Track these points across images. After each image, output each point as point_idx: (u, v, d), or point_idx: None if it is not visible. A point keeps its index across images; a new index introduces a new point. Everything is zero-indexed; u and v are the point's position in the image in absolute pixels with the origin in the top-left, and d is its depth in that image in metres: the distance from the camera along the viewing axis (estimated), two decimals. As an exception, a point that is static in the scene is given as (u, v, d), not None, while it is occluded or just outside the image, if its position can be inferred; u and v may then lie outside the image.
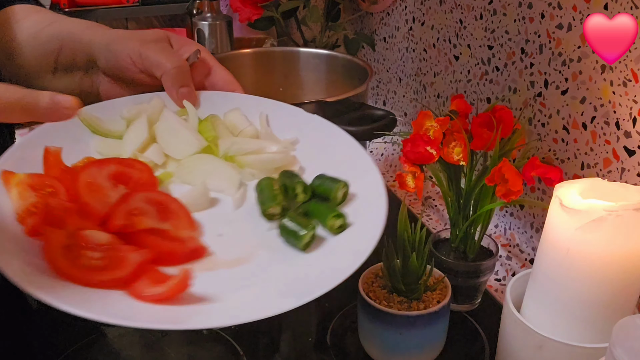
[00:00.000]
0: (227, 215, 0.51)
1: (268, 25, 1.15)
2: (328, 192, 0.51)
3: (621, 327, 0.39)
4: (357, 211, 0.50)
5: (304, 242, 0.47)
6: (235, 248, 0.48)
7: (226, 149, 0.56)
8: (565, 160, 0.74)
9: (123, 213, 0.46)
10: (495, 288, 0.80)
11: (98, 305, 0.40)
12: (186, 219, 0.49)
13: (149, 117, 0.58)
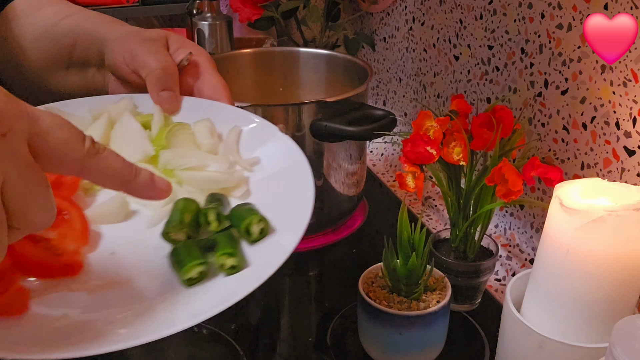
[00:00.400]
0: (135, 233, 0.47)
1: (268, 25, 1.15)
2: (239, 224, 0.45)
3: (621, 327, 0.39)
4: (261, 251, 0.44)
5: (186, 276, 0.42)
6: (118, 271, 0.44)
7: (166, 161, 0.52)
8: (565, 160, 0.74)
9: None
10: (495, 288, 0.80)
11: None
12: (80, 230, 0.45)
13: (112, 118, 0.55)
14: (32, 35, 0.63)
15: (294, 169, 0.51)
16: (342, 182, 0.85)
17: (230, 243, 0.44)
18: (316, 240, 0.87)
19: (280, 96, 0.98)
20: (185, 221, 0.45)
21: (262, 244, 0.45)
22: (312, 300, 0.78)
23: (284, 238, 0.45)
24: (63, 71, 0.63)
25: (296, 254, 0.90)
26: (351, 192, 0.88)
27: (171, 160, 0.52)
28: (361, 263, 0.67)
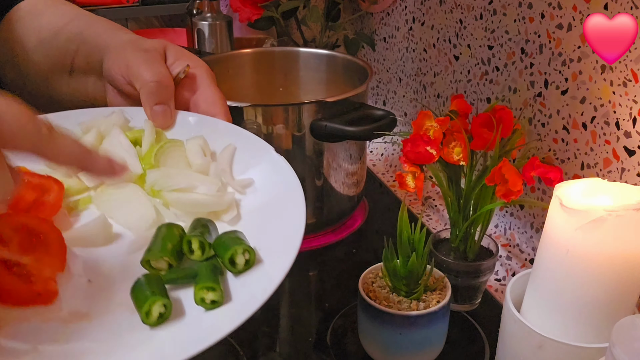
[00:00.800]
0: (116, 259, 0.45)
1: (268, 25, 1.15)
2: (223, 254, 0.42)
3: (621, 327, 0.39)
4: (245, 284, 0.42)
5: (149, 312, 0.39)
6: (94, 301, 0.41)
7: (153, 181, 0.50)
8: (565, 160, 0.74)
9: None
10: (495, 288, 0.80)
11: None
12: (57, 256, 0.43)
13: (101, 133, 0.53)
14: (36, 39, 0.61)
15: (287, 194, 0.48)
16: (342, 182, 0.85)
17: (212, 275, 0.41)
18: (316, 240, 0.87)
19: (280, 96, 0.98)
20: (167, 249, 0.43)
21: (248, 276, 0.43)
22: (312, 300, 0.78)
23: (271, 269, 0.42)
24: (65, 77, 0.62)
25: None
26: (351, 192, 0.88)
27: (158, 181, 0.50)
28: (361, 263, 0.67)
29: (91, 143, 0.52)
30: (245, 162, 0.53)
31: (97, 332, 0.39)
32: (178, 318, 0.40)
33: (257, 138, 0.54)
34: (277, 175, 0.50)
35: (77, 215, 0.49)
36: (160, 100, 0.54)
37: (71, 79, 0.62)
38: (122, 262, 0.45)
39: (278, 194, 0.49)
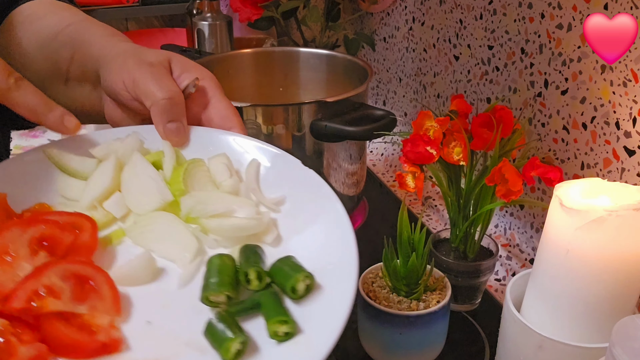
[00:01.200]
0: (167, 295, 0.43)
1: (268, 25, 1.15)
2: (285, 283, 0.42)
3: (621, 327, 0.39)
4: (314, 313, 0.41)
5: (229, 352, 0.38)
6: (160, 343, 0.40)
7: (189, 208, 0.48)
8: (565, 160, 0.74)
9: (27, 293, 0.39)
10: (495, 288, 0.80)
11: None
12: (110, 300, 0.41)
13: (120, 159, 0.51)
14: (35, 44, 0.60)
15: (325, 207, 0.47)
16: (342, 182, 0.85)
17: (280, 307, 0.41)
18: (316, 240, 0.86)
19: (280, 96, 0.98)
20: (225, 282, 0.42)
21: (312, 303, 0.42)
22: None
23: (333, 294, 0.41)
24: (62, 86, 0.60)
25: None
26: (351, 192, 0.88)
27: (194, 208, 0.48)
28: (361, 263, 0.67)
29: (111, 171, 0.50)
30: (272, 177, 0.51)
31: None
32: (253, 354, 0.39)
33: (281, 152, 0.52)
34: (309, 189, 0.49)
35: (113, 251, 0.46)
36: (173, 118, 0.52)
37: (67, 87, 0.60)
38: (176, 298, 0.44)
39: (315, 209, 0.47)
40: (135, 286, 0.44)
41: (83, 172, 0.51)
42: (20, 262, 0.41)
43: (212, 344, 0.39)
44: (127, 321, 0.41)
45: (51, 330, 0.39)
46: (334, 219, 0.46)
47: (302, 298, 0.42)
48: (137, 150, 0.52)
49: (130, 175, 0.50)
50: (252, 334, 0.40)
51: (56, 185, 0.51)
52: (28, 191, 0.49)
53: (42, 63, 0.59)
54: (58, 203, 0.50)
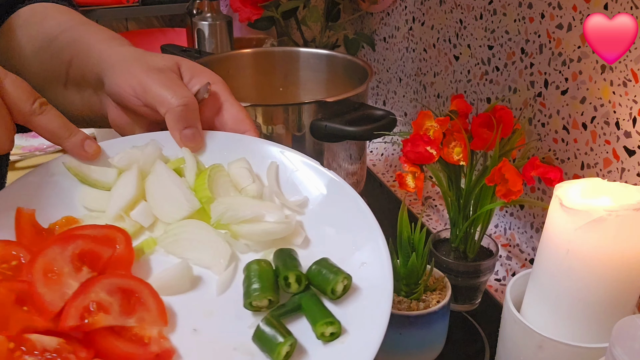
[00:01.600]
0: (208, 302, 0.44)
1: (268, 25, 1.15)
2: (325, 285, 0.43)
3: (621, 327, 0.39)
4: (355, 312, 0.42)
5: (280, 355, 0.40)
6: (209, 351, 0.41)
7: (219, 215, 0.48)
8: (565, 160, 0.74)
9: (78, 310, 0.40)
10: (495, 288, 0.80)
11: None
12: (157, 310, 0.42)
13: (141, 168, 0.51)
14: (33, 47, 0.59)
15: (346, 204, 0.48)
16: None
17: (323, 309, 0.42)
18: (316, 240, 0.86)
19: (280, 96, 0.98)
20: (267, 287, 0.43)
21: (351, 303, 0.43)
22: None
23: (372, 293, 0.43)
24: (61, 88, 0.59)
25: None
26: (351, 192, 0.88)
27: (225, 215, 0.48)
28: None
29: (135, 180, 0.50)
30: (292, 179, 0.52)
31: None
32: (301, 355, 0.41)
33: (298, 154, 0.53)
34: (329, 188, 0.50)
35: (147, 262, 0.47)
36: (189, 124, 0.52)
37: (66, 91, 0.59)
38: (217, 305, 0.44)
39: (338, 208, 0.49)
40: (174, 295, 0.44)
41: (105, 183, 0.51)
42: (65, 279, 0.41)
43: (262, 347, 0.41)
44: (174, 331, 0.42)
45: (105, 345, 0.39)
46: (359, 216, 0.47)
47: (339, 298, 0.43)
48: (158, 158, 0.52)
49: (155, 184, 0.51)
50: (296, 335, 0.41)
51: (78, 197, 0.51)
52: (51, 205, 0.49)
53: (41, 66, 0.59)
54: (82, 215, 0.50)
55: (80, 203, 0.51)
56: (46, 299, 0.40)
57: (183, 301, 0.44)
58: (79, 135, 0.50)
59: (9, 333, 0.38)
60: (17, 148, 1.12)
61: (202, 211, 0.49)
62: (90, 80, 0.57)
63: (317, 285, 0.44)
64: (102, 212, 0.50)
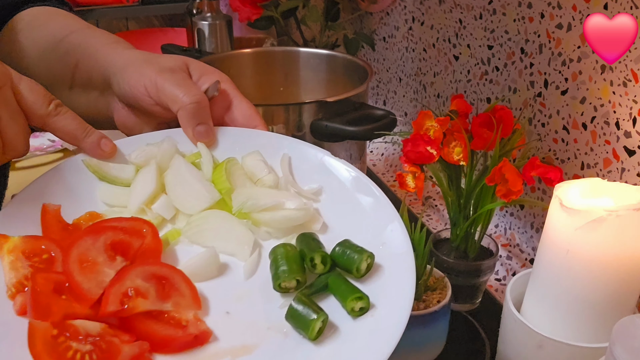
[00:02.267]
0: (236, 287, 0.46)
1: (268, 25, 1.15)
2: (350, 264, 0.45)
3: (621, 327, 0.39)
4: (381, 288, 0.45)
5: (314, 331, 0.41)
6: (243, 331, 0.43)
7: (240, 204, 0.50)
8: (565, 160, 0.74)
9: (117, 297, 0.42)
10: (495, 288, 0.80)
11: None
12: (190, 295, 0.44)
13: (159, 163, 0.53)
14: (37, 51, 0.60)
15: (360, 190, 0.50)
16: (342, 182, 0.85)
17: (351, 286, 0.44)
18: (316, 240, 0.86)
19: (281, 96, 0.98)
20: (294, 269, 0.45)
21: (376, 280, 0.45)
22: (312, 300, 0.78)
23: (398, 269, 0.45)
24: (67, 91, 0.60)
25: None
26: (351, 192, 0.88)
27: (246, 204, 0.50)
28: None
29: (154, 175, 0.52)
30: (304, 169, 0.54)
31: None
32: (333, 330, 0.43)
33: (309, 145, 0.55)
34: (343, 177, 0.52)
35: (172, 252, 0.49)
36: (201, 121, 0.54)
37: (71, 93, 0.60)
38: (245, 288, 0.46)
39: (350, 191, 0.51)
40: (203, 282, 0.46)
41: (124, 179, 0.53)
42: (101, 268, 0.43)
43: (295, 325, 0.43)
44: (207, 314, 0.44)
45: (145, 329, 0.41)
46: (373, 201, 0.49)
47: (364, 276, 0.46)
48: (175, 153, 0.54)
49: (174, 178, 0.52)
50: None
51: (98, 194, 0.52)
52: (72, 201, 0.51)
53: (46, 69, 0.60)
54: (104, 211, 0.51)
55: (101, 199, 0.52)
56: (84, 287, 0.41)
57: (212, 287, 0.46)
58: (95, 135, 0.52)
59: (52, 319, 0.40)
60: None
61: (222, 202, 0.51)
62: (97, 83, 0.58)
63: (341, 265, 0.46)
64: (123, 207, 0.52)
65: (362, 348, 0.41)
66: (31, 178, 0.97)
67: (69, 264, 0.42)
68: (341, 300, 0.44)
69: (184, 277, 0.44)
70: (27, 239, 0.45)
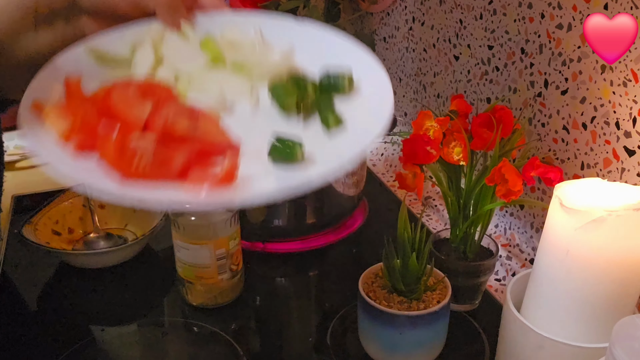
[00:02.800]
0: (246, 118, 0.54)
1: (268, 25, 1.15)
2: (335, 85, 0.53)
3: (621, 327, 0.39)
4: (360, 109, 0.52)
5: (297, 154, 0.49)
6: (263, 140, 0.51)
7: (232, 60, 0.58)
8: (565, 160, 0.74)
9: (160, 120, 0.49)
10: (495, 288, 0.80)
11: (162, 195, 0.45)
12: (215, 123, 0.52)
13: (153, 41, 0.59)
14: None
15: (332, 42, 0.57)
16: (342, 182, 0.85)
17: (331, 104, 0.51)
18: (316, 240, 0.87)
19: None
20: (290, 90, 0.52)
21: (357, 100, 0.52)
22: (312, 300, 0.78)
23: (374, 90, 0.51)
24: (32, 34, 0.60)
25: (296, 254, 0.90)
26: (351, 192, 0.88)
27: (237, 58, 0.58)
28: (361, 263, 0.67)
29: (151, 52, 0.58)
30: (276, 36, 0.60)
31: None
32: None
33: (274, 16, 0.62)
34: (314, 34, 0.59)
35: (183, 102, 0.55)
36: (179, 13, 0.60)
37: (37, 35, 0.60)
38: (252, 119, 0.53)
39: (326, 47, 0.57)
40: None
41: (123, 59, 0.58)
42: (139, 101, 0.50)
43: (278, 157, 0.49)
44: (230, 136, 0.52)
45: (187, 144, 0.48)
46: (346, 48, 0.56)
47: (348, 94, 0.53)
48: (165, 31, 0.60)
49: (170, 48, 0.59)
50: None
51: (103, 77, 0.56)
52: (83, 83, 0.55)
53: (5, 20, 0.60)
54: None
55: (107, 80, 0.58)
56: (130, 116, 0.49)
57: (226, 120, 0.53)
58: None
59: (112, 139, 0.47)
60: (17, 148, 1.12)
61: (215, 61, 0.58)
62: (61, 10, 0.60)
63: (327, 88, 0.53)
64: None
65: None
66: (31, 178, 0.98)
67: (112, 103, 0.50)
68: (319, 114, 0.51)
69: (206, 111, 0.52)
70: (59, 104, 0.51)
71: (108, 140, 0.48)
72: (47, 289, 0.78)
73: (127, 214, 0.89)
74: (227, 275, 0.72)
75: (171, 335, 0.70)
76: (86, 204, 0.87)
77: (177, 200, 0.46)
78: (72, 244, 0.85)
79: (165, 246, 0.84)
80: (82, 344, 0.68)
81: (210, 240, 0.69)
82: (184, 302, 0.74)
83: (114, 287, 0.78)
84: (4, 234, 0.89)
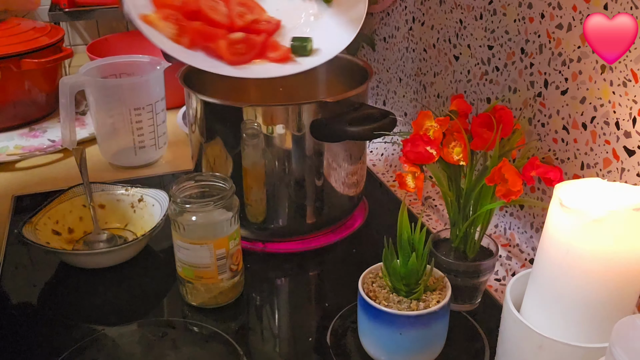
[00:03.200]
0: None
1: (268, 25, 1.15)
2: None
3: (621, 327, 0.39)
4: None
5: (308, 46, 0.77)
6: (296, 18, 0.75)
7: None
8: (565, 160, 0.74)
9: (236, 16, 0.74)
10: (495, 288, 0.80)
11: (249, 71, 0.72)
12: (258, 6, 0.76)
13: None
14: None
15: None
16: (342, 182, 0.85)
17: None
18: (316, 240, 0.87)
19: (280, 96, 0.98)
20: None
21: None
22: (312, 300, 0.78)
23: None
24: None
25: (296, 254, 0.90)
26: (351, 192, 0.88)
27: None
28: (361, 263, 0.67)
29: None
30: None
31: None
32: None
33: None
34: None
35: None
36: None
37: None
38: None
39: None
40: None
41: None
42: (218, 7, 0.76)
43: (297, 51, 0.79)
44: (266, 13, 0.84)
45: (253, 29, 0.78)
46: None
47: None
48: None
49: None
50: None
51: None
52: None
53: None
54: None
55: None
56: (218, 19, 0.75)
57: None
58: None
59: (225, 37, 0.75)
60: (17, 148, 1.12)
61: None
62: None
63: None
64: None
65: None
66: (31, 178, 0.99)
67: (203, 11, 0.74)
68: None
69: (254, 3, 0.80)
70: (157, 12, 0.71)
71: (217, 38, 0.72)
72: (47, 289, 0.78)
73: (127, 214, 0.89)
74: (227, 275, 0.72)
75: (171, 335, 0.70)
76: (86, 204, 0.87)
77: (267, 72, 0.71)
78: (72, 244, 0.85)
79: (165, 246, 0.84)
80: (82, 344, 0.68)
81: (210, 240, 0.69)
82: (184, 302, 0.74)
83: (114, 287, 0.78)
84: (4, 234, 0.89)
